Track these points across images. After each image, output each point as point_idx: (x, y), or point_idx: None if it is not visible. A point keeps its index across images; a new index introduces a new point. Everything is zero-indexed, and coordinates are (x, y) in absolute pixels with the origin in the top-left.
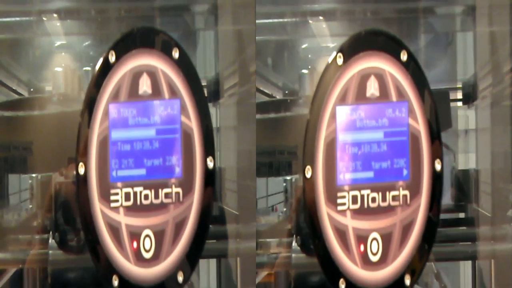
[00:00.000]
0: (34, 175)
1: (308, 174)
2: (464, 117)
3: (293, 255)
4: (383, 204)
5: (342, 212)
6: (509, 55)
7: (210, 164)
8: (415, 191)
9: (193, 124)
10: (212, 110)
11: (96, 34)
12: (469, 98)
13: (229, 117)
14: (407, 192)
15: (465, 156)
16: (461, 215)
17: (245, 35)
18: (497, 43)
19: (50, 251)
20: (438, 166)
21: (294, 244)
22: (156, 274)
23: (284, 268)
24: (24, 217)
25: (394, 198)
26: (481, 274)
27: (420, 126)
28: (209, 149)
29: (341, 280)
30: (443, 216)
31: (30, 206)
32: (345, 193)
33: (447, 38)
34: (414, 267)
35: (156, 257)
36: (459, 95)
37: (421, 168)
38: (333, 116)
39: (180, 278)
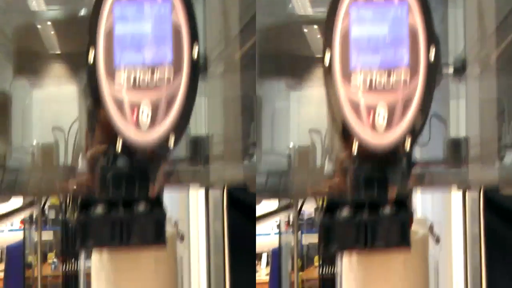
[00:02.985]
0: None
1: (327, 63)
2: (455, 89)
3: None
4: (388, 84)
5: (355, 90)
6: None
7: (195, 52)
8: (413, 74)
9: (181, 21)
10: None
11: None
12: (459, 71)
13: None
14: (407, 75)
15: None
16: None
17: None
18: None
19: None
20: (432, 56)
21: None
22: (152, 138)
23: None
24: None
25: (397, 79)
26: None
27: (418, 23)
28: (194, 38)
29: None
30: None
31: None
32: (357, 75)
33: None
34: (413, 131)
35: (152, 125)
36: (451, 70)
37: (418, 57)
38: (347, 13)
39: (171, 142)
